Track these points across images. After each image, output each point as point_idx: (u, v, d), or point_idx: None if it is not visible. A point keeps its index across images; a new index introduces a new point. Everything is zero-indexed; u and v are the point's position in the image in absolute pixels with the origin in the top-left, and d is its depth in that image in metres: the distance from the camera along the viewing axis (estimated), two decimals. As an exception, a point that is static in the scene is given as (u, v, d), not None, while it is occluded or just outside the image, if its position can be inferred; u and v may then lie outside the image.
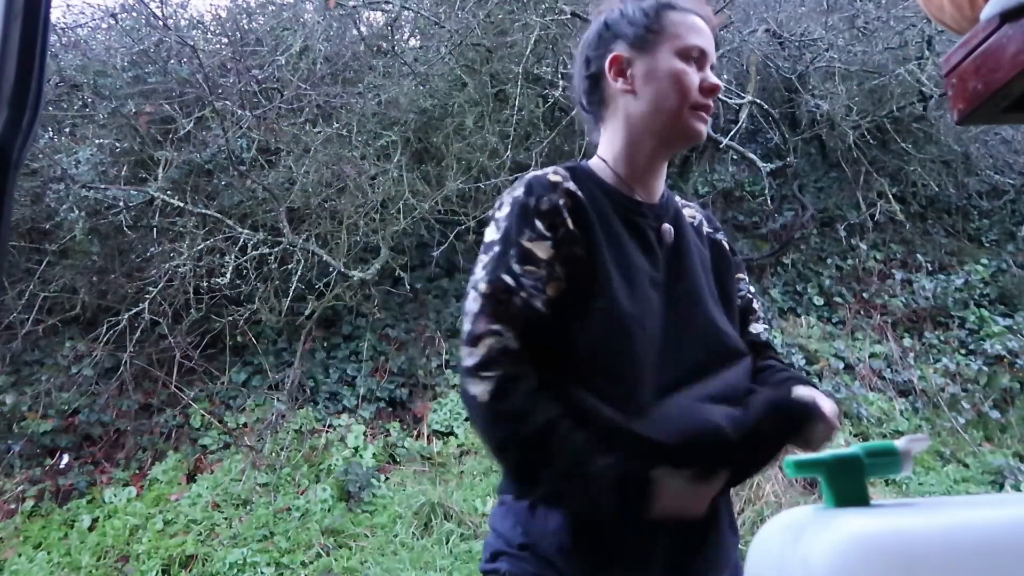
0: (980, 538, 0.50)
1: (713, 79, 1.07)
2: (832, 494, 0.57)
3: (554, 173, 1.06)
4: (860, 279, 5.65)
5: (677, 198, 1.20)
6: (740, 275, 1.22)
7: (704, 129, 1.07)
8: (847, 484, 0.57)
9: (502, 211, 1.03)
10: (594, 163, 1.13)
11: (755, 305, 1.23)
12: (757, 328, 1.21)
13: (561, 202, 1.01)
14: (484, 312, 0.95)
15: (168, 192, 4.39)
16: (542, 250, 0.98)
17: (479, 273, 0.99)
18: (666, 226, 1.09)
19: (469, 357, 0.93)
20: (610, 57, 1.09)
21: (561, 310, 0.98)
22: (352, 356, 4.74)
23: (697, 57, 1.06)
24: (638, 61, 1.07)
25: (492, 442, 0.95)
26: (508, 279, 0.96)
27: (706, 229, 1.20)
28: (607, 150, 1.12)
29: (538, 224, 0.99)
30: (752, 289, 1.25)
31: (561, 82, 4.73)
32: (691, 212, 1.20)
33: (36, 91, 0.49)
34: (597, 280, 0.99)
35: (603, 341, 0.97)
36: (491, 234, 1.02)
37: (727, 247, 1.20)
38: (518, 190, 1.04)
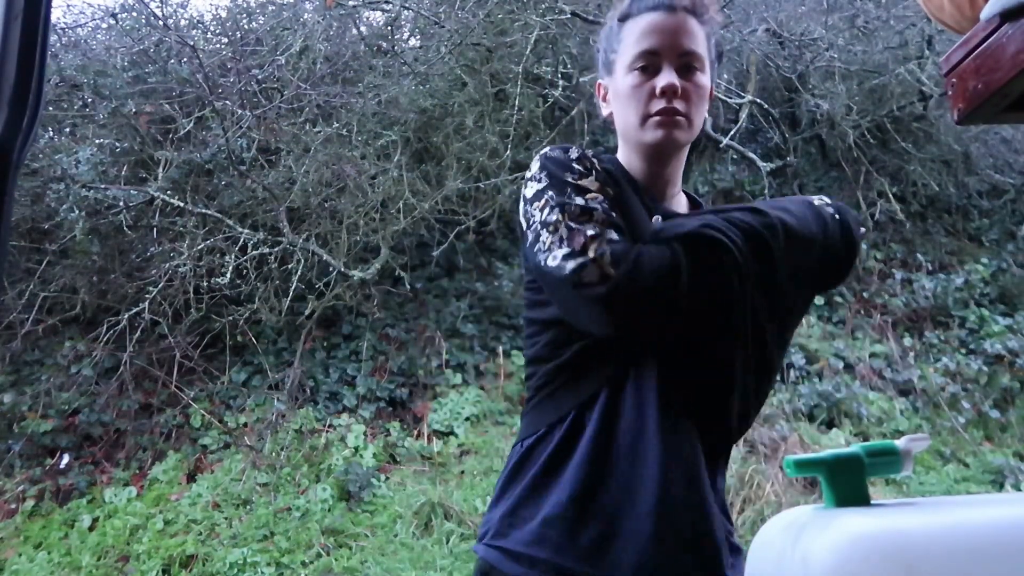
0: (980, 538, 0.50)
1: (665, 80, 1.01)
2: (832, 494, 0.57)
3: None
4: (860, 278, 5.65)
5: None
6: None
7: (669, 133, 1.03)
8: (847, 484, 0.57)
9: (534, 168, 1.03)
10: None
11: None
12: None
13: (588, 152, 1.05)
14: (573, 229, 0.92)
15: (168, 192, 4.39)
16: (590, 183, 0.99)
17: (542, 213, 0.97)
18: (657, 217, 1.05)
19: (572, 262, 0.89)
20: (597, 84, 1.17)
21: None
22: (352, 356, 4.74)
23: (648, 63, 1.04)
24: (609, 85, 1.12)
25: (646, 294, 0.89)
26: (578, 201, 0.95)
27: None
28: (621, 156, 1.14)
29: (576, 166, 1.01)
30: None
31: (561, 82, 4.73)
32: None
33: (36, 91, 0.50)
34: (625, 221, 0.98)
35: None
36: (534, 187, 1.01)
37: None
38: (546, 151, 1.05)
